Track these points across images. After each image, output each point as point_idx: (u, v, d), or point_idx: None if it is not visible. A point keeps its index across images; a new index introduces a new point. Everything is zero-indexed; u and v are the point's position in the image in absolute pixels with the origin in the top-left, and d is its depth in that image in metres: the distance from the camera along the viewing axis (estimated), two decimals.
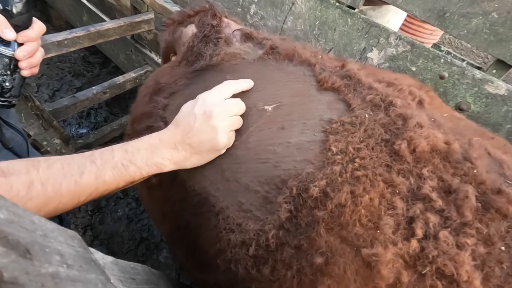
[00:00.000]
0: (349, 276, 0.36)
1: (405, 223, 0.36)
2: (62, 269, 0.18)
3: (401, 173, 0.39)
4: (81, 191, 0.40)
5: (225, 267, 0.45)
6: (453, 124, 0.47)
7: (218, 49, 0.59)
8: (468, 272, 0.32)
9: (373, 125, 0.43)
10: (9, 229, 0.16)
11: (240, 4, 1.07)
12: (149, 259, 1.31)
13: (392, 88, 0.50)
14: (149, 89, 0.64)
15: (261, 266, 0.41)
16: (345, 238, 0.37)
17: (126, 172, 0.43)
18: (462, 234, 0.34)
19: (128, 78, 1.49)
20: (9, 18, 0.54)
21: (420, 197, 0.37)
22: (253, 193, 0.44)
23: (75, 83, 1.98)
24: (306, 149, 0.43)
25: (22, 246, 0.15)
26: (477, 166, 0.38)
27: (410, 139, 0.40)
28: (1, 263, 0.12)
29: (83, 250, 0.25)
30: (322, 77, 0.51)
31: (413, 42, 0.76)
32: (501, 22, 0.63)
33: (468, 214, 0.35)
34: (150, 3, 1.36)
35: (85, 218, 1.39)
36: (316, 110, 0.47)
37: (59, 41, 1.09)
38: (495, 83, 0.68)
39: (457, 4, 0.67)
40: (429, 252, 0.34)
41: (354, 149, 0.41)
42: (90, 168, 0.41)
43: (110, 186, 0.43)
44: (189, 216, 0.51)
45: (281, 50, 0.56)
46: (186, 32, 0.65)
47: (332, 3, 0.86)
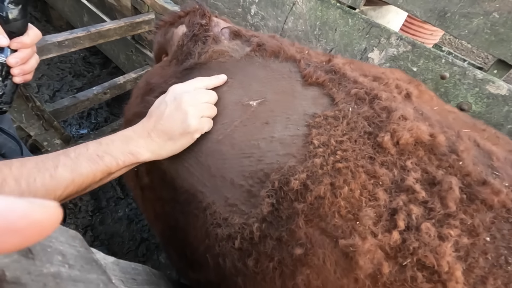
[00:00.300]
0: (328, 267, 0.36)
1: (387, 214, 0.36)
2: (63, 269, 0.18)
3: (385, 165, 0.39)
4: (56, 185, 0.39)
5: (214, 262, 0.46)
6: (442, 117, 0.47)
7: (206, 47, 0.60)
8: (450, 263, 0.32)
9: (356, 118, 0.44)
10: None
11: (241, 5, 1.07)
12: (149, 260, 1.31)
13: (378, 82, 0.50)
14: (140, 90, 0.65)
15: (246, 258, 0.42)
16: (324, 230, 0.37)
17: (101, 162, 0.43)
18: (445, 225, 0.34)
19: (129, 79, 1.49)
20: (3, 24, 0.53)
21: (403, 189, 0.37)
22: (238, 187, 0.45)
23: (75, 83, 1.98)
24: (289, 143, 0.44)
25: None
26: (463, 158, 0.38)
27: (393, 131, 0.40)
28: (3, 262, 0.12)
29: (84, 250, 0.25)
30: (307, 72, 0.51)
31: (414, 43, 0.76)
32: (502, 22, 0.63)
33: (451, 205, 0.35)
34: (151, 4, 1.36)
35: (86, 219, 1.39)
36: (300, 105, 0.48)
37: (59, 42, 1.09)
38: (496, 83, 0.68)
39: (458, 4, 0.67)
40: (410, 243, 0.34)
41: (336, 141, 0.41)
42: (65, 161, 0.40)
43: (87, 179, 0.42)
44: (178, 215, 0.52)
45: (267, 47, 0.57)
46: (177, 33, 0.66)
47: (333, 3, 0.86)
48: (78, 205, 1.42)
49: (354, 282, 0.35)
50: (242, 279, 0.43)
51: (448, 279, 0.32)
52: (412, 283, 0.33)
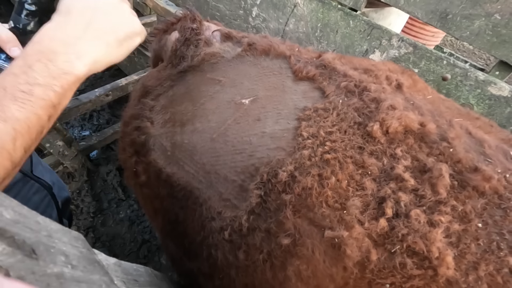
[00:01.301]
0: (317, 257, 0.37)
1: (375, 203, 0.36)
2: (67, 270, 0.18)
3: (374, 154, 0.40)
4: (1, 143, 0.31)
5: (207, 253, 0.47)
6: (435, 106, 0.47)
7: (198, 50, 0.62)
8: (440, 249, 0.32)
9: (346, 109, 0.44)
10: (15, 229, 0.16)
11: (242, 7, 1.07)
12: (151, 261, 1.31)
13: (368, 74, 0.51)
14: (137, 92, 0.66)
15: (237, 251, 0.42)
16: (312, 220, 0.38)
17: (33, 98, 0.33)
18: (436, 212, 0.34)
19: (131, 81, 1.50)
20: (19, 35, 0.53)
21: (392, 177, 0.37)
22: (231, 183, 0.45)
23: None
24: (279, 137, 0.45)
25: (28, 246, 0.15)
26: (454, 145, 0.38)
27: (382, 120, 0.41)
28: (8, 262, 0.12)
29: (86, 251, 0.25)
30: (297, 67, 0.52)
31: (415, 44, 0.76)
32: (504, 23, 0.63)
33: (442, 191, 0.35)
34: (153, 6, 1.37)
35: (87, 220, 1.39)
36: (291, 100, 0.49)
37: None
38: (498, 85, 0.68)
39: (460, 6, 0.67)
40: (399, 230, 0.34)
41: (326, 133, 0.42)
42: None
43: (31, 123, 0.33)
44: (177, 210, 0.53)
45: (258, 46, 0.58)
46: (170, 39, 0.68)
47: (334, 5, 0.86)
48: (79, 206, 1.42)
49: (343, 270, 0.36)
50: (235, 271, 0.44)
51: (438, 265, 0.32)
52: (402, 269, 0.33)
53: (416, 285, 0.33)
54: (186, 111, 0.55)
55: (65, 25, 0.37)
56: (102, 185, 1.51)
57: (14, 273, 0.12)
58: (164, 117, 0.57)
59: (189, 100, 0.56)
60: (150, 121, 0.58)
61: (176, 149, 0.52)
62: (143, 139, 0.56)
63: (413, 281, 0.33)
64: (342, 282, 0.36)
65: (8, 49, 0.52)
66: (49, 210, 0.67)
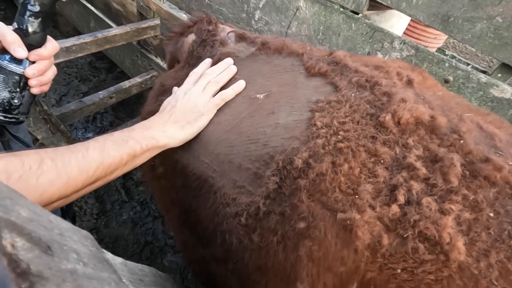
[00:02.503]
0: (329, 239, 0.37)
1: (387, 190, 0.37)
2: (79, 267, 0.18)
3: (386, 143, 0.40)
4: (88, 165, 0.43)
5: (222, 238, 0.48)
6: (445, 102, 0.48)
7: (214, 50, 0.64)
8: (451, 234, 0.33)
9: (359, 102, 0.45)
10: (31, 226, 0.16)
11: (245, 10, 1.08)
12: (153, 263, 1.31)
13: (379, 70, 0.52)
14: (155, 91, 0.69)
15: (251, 234, 0.44)
16: (325, 204, 0.39)
17: (126, 145, 0.47)
18: (447, 201, 0.35)
19: (134, 83, 1.51)
20: (23, 36, 0.55)
21: (404, 166, 0.38)
22: (245, 170, 0.47)
23: (82, 88, 2.01)
24: (293, 127, 0.46)
25: (44, 243, 0.16)
26: (464, 138, 0.39)
27: (394, 111, 0.42)
28: (28, 257, 0.13)
29: (96, 249, 0.26)
30: (309, 64, 0.54)
31: (417, 47, 0.77)
32: (506, 26, 0.64)
33: (454, 180, 0.35)
34: (156, 10, 1.38)
35: (91, 222, 1.40)
36: (303, 94, 0.50)
37: (67, 47, 1.11)
38: (500, 87, 0.68)
39: (461, 9, 0.68)
40: (411, 216, 0.34)
41: (339, 123, 0.43)
42: (94, 145, 0.45)
43: (114, 160, 0.46)
44: (191, 199, 0.55)
45: (271, 45, 0.60)
46: (187, 41, 0.70)
47: (336, 8, 0.87)
48: (83, 208, 1.43)
49: (354, 253, 0.36)
50: (249, 254, 0.45)
51: (450, 250, 0.32)
52: (414, 254, 0.34)
53: (428, 270, 0.33)
54: None
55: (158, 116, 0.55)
56: (105, 187, 1.52)
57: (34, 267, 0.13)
58: None
59: None
60: None
61: (191, 141, 0.55)
62: None
63: (425, 266, 0.33)
64: (353, 266, 0.36)
65: (12, 49, 0.54)
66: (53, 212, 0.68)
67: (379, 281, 0.35)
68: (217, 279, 0.55)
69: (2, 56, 0.55)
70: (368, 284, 0.36)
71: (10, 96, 0.57)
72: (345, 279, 0.37)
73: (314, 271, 0.38)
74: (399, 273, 0.34)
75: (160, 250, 1.36)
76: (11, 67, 0.55)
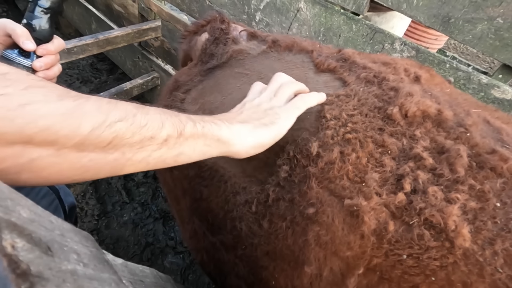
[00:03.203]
0: (336, 224, 0.38)
1: (393, 179, 0.38)
2: (79, 267, 0.19)
3: (394, 135, 0.42)
4: (109, 108, 0.29)
5: (232, 225, 0.49)
6: (452, 98, 0.49)
7: (227, 48, 0.66)
8: (456, 222, 0.33)
9: (367, 96, 0.47)
10: (31, 227, 0.16)
11: (246, 12, 1.09)
12: (154, 264, 1.31)
13: (387, 67, 0.53)
14: (169, 87, 0.72)
15: (261, 220, 0.45)
16: (333, 191, 0.40)
17: (175, 117, 0.35)
18: (453, 190, 0.35)
19: (135, 84, 1.52)
20: (31, 31, 0.58)
21: (411, 157, 0.39)
22: (255, 160, 0.48)
23: (83, 89, 2.01)
24: (303, 119, 0.47)
25: (44, 243, 0.16)
26: (471, 131, 0.40)
27: (401, 105, 0.43)
28: (28, 258, 0.13)
29: (96, 250, 0.26)
30: (319, 61, 0.56)
31: (418, 48, 0.77)
32: (507, 27, 0.64)
33: (460, 170, 0.36)
34: (157, 11, 1.39)
35: (92, 223, 1.40)
36: (313, 89, 0.51)
37: (69, 49, 1.12)
38: (501, 88, 0.68)
39: (462, 10, 0.68)
40: (417, 204, 0.35)
41: (347, 115, 0.45)
42: (128, 102, 0.33)
43: (152, 122, 0.32)
44: (203, 188, 0.56)
45: (281, 43, 0.62)
46: (200, 39, 0.73)
47: (337, 9, 0.87)
48: (84, 209, 1.43)
49: (360, 238, 0.37)
50: (258, 240, 0.46)
51: (455, 237, 0.33)
52: (419, 241, 0.34)
53: (433, 257, 0.34)
54: (214, 101, 0.58)
55: (221, 114, 0.43)
56: (106, 188, 1.52)
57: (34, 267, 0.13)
58: (194, 107, 0.61)
59: (218, 91, 0.60)
60: (182, 111, 0.63)
61: None
62: None
63: (431, 253, 0.34)
64: (360, 251, 0.37)
65: (21, 42, 0.57)
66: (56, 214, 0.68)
67: (385, 267, 0.36)
68: (224, 267, 0.56)
69: (11, 50, 0.58)
70: (374, 269, 0.37)
71: None
72: (351, 264, 0.38)
73: (321, 255, 0.39)
74: (405, 259, 0.35)
75: (161, 251, 1.36)
76: (19, 59, 0.58)
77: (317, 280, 0.40)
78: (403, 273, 0.35)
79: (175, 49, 1.45)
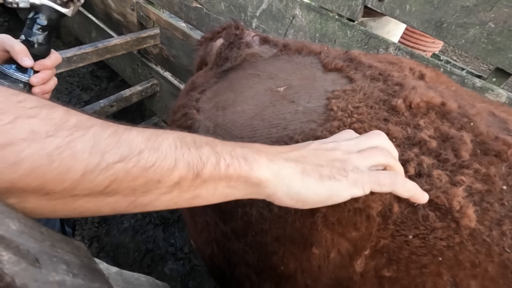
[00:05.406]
0: (342, 206, 0.39)
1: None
2: (68, 278, 0.19)
3: (399, 124, 0.43)
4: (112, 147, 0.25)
5: (242, 212, 0.51)
6: (457, 93, 0.50)
7: (241, 51, 0.70)
8: (461, 203, 0.34)
9: (372, 90, 0.49)
10: (20, 239, 0.17)
11: (242, 19, 1.10)
12: (154, 271, 1.31)
13: (392, 66, 0.55)
14: (186, 87, 0.75)
15: (271, 205, 0.46)
16: None
17: (194, 150, 0.28)
18: (459, 174, 0.36)
19: (135, 91, 1.53)
20: (30, 48, 0.60)
21: (415, 143, 0.40)
22: None
23: (83, 96, 2.03)
24: (311, 112, 0.50)
25: (32, 255, 0.16)
26: (475, 121, 0.41)
27: (405, 97, 0.45)
28: (14, 270, 0.13)
29: (88, 260, 0.26)
30: (327, 61, 0.59)
31: (412, 52, 0.77)
32: (498, 31, 0.64)
33: (465, 154, 0.37)
34: (156, 19, 1.41)
35: (92, 230, 1.40)
36: (321, 86, 0.54)
37: (68, 57, 1.13)
38: (495, 91, 0.68)
39: (454, 15, 0.69)
40: (421, 186, 0.35)
41: (353, 107, 0.46)
42: (144, 130, 0.29)
43: (163, 162, 0.26)
44: None
45: (292, 46, 0.66)
46: (215, 45, 0.77)
47: (332, 16, 0.88)
48: None
49: (366, 219, 0.37)
50: (268, 225, 0.47)
51: (460, 217, 0.33)
52: (424, 222, 0.35)
53: (440, 237, 0.34)
54: (228, 99, 0.61)
55: (274, 147, 0.35)
56: None
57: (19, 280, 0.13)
58: (209, 105, 0.64)
59: (231, 90, 0.63)
60: (196, 109, 0.66)
61: (217, 128, 0.58)
62: (189, 124, 0.63)
63: (437, 233, 0.34)
64: (366, 232, 0.38)
65: (20, 59, 0.58)
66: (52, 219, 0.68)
67: (392, 248, 0.36)
68: (234, 257, 0.57)
69: (9, 65, 0.59)
70: (381, 251, 0.37)
71: None
72: (358, 245, 0.38)
73: (328, 236, 0.40)
74: (411, 239, 0.35)
75: (161, 258, 1.36)
76: (16, 75, 0.60)
77: (325, 263, 0.41)
78: (410, 254, 0.35)
79: (173, 56, 1.47)
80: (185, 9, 1.28)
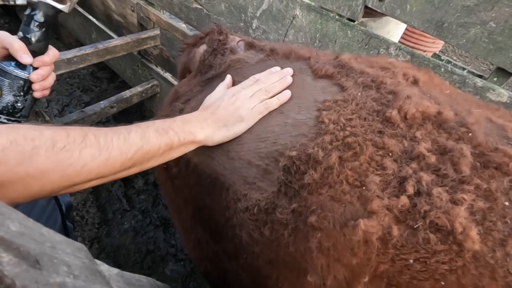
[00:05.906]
0: (338, 230, 0.38)
1: (396, 182, 0.37)
2: (69, 279, 0.19)
3: (394, 137, 0.41)
4: (129, 148, 0.43)
5: (232, 232, 0.50)
6: (451, 98, 0.48)
7: (225, 58, 0.67)
8: (463, 224, 0.32)
9: (365, 100, 0.46)
10: (20, 240, 0.17)
11: (243, 19, 1.10)
12: (155, 272, 1.31)
13: (385, 71, 0.53)
14: (169, 98, 0.73)
15: (262, 228, 0.45)
16: (333, 197, 0.40)
17: (166, 135, 0.47)
18: (459, 191, 0.34)
19: (135, 92, 1.53)
20: (28, 44, 0.60)
21: (413, 157, 0.38)
22: (255, 167, 0.48)
23: (83, 98, 2.03)
24: (300, 125, 0.47)
25: (32, 257, 0.16)
26: (473, 130, 0.39)
27: (400, 107, 0.43)
28: (14, 272, 0.13)
29: (89, 261, 0.26)
30: (316, 67, 0.56)
31: (412, 52, 0.77)
32: (499, 31, 0.64)
33: (465, 169, 0.35)
34: (156, 20, 1.41)
35: (92, 231, 1.40)
36: (311, 95, 0.52)
37: (68, 59, 1.13)
38: (496, 91, 0.68)
39: (455, 15, 0.68)
40: (421, 207, 0.34)
41: (346, 119, 0.44)
42: (136, 129, 0.46)
43: (153, 147, 0.46)
44: (204, 196, 0.56)
45: (279, 51, 0.63)
46: (198, 51, 0.74)
47: (332, 16, 0.88)
48: (85, 217, 1.43)
49: (364, 244, 0.36)
50: (259, 248, 0.46)
51: (463, 240, 0.32)
52: (425, 245, 0.33)
53: (442, 260, 0.33)
54: None
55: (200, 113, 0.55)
56: (107, 196, 1.52)
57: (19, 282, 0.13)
58: None
59: None
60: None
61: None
62: None
63: (438, 256, 0.33)
64: (365, 258, 0.36)
65: (19, 56, 0.59)
66: (54, 214, 0.69)
67: (392, 273, 0.35)
68: (228, 277, 0.56)
69: (8, 62, 0.60)
70: (381, 276, 0.36)
71: (14, 100, 0.62)
72: (356, 271, 0.37)
73: (324, 262, 0.39)
74: (412, 263, 0.34)
75: (162, 259, 1.35)
76: (16, 72, 0.60)
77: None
78: (412, 278, 0.34)
79: (174, 57, 1.47)
80: (185, 10, 1.29)
